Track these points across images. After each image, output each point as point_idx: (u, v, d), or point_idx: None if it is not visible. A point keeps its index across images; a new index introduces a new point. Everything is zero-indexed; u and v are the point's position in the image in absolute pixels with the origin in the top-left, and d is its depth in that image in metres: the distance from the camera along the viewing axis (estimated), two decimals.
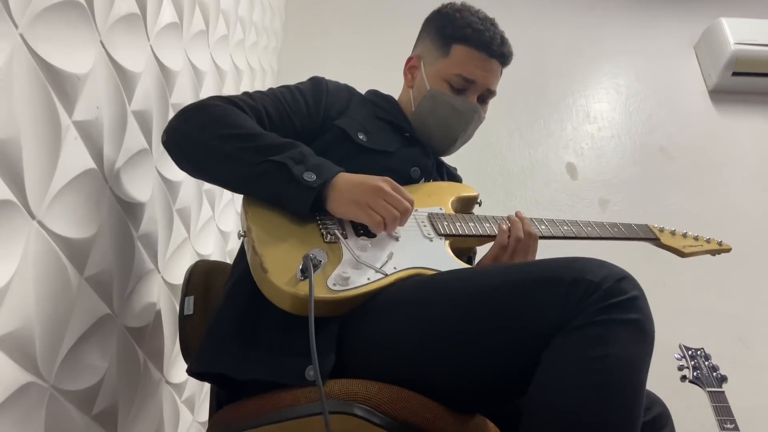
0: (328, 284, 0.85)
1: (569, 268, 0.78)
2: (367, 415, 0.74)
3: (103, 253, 0.98)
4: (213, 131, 0.96)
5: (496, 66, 1.21)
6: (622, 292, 0.74)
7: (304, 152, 0.95)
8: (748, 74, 2.60)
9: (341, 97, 1.18)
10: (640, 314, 0.74)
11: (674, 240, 1.24)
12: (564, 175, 2.47)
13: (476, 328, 0.79)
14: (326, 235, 0.93)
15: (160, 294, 1.25)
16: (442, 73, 1.20)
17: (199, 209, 1.51)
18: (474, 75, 1.18)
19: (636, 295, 0.75)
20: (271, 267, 0.86)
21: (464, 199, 1.19)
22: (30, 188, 0.78)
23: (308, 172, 0.92)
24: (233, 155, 0.94)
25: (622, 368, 0.71)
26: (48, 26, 0.82)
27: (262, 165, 0.92)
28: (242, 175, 0.95)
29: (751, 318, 2.19)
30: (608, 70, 2.76)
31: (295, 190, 0.91)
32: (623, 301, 0.74)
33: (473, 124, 1.23)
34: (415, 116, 1.24)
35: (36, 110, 0.80)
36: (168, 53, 1.26)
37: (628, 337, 0.73)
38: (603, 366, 0.71)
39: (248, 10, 2.00)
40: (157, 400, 1.25)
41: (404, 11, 2.80)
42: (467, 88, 1.19)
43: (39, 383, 0.81)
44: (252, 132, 0.97)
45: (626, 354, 0.72)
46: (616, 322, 0.73)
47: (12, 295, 0.74)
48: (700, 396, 1.49)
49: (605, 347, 0.71)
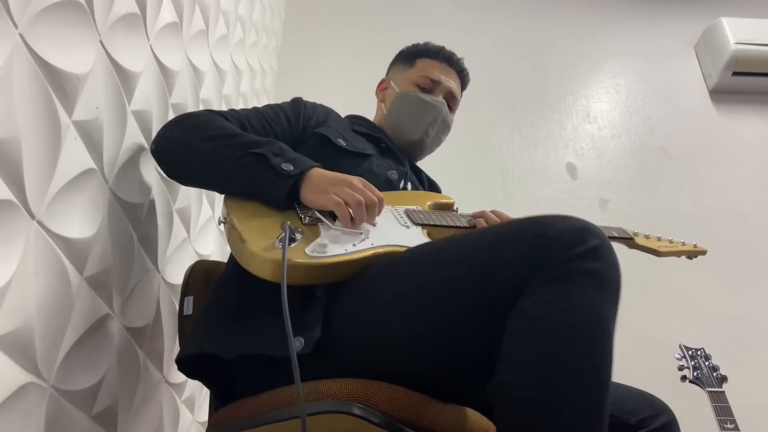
0: (306, 251, 0.87)
1: (530, 225, 0.78)
2: (366, 414, 0.74)
3: (103, 253, 0.98)
4: (197, 133, 1.02)
5: (454, 76, 1.39)
6: (582, 243, 0.74)
7: (282, 147, 1.01)
8: (748, 74, 2.60)
9: (318, 112, 1.26)
10: (600, 263, 0.73)
11: (649, 241, 1.26)
12: (564, 175, 2.47)
13: (441, 294, 0.79)
14: (304, 218, 0.96)
15: (160, 294, 1.25)
16: (410, 78, 1.37)
17: (199, 209, 1.51)
18: (437, 76, 1.35)
19: (596, 244, 0.74)
20: (249, 237, 0.89)
21: (441, 204, 1.22)
22: (30, 188, 0.78)
23: (286, 163, 0.96)
24: (215, 152, 0.99)
25: (585, 318, 0.71)
26: (48, 26, 0.82)
27: (242, 158, 0.97)
28: (223, 169, 0.99)
29: (751, 318, 2.19)
30: (608, 70, 2.76)
31: (273, 178, 0.95)
32: (583, 252, 0.73)
33: (440, 119, 1.33)
34: (388, 119, 1.37)
35: (36, 110, 0.80)
36: (168, 53, 1.26)
37: (588, 288, 0.72)
38: (563, 319, 0.70)
39: (248, 9, 2.00)
40: (157, 400, 1.25)
41: (404, 11, 2.81)
42: (433, 88, 1.35)
43: (39, 383, 0.81)
44: (233, 132, 1.03)
45: (587, 305, 0.71)
46: (577, 274, 0.72)
47: (12, 295, 0.74)
48: (700, 396, 1.49)
49: (565, 300, 0.71)
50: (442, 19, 2.76)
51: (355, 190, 0.95)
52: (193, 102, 1.43)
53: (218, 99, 1.68)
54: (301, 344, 0.81)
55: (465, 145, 2.37)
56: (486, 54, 2.69)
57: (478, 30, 2.76)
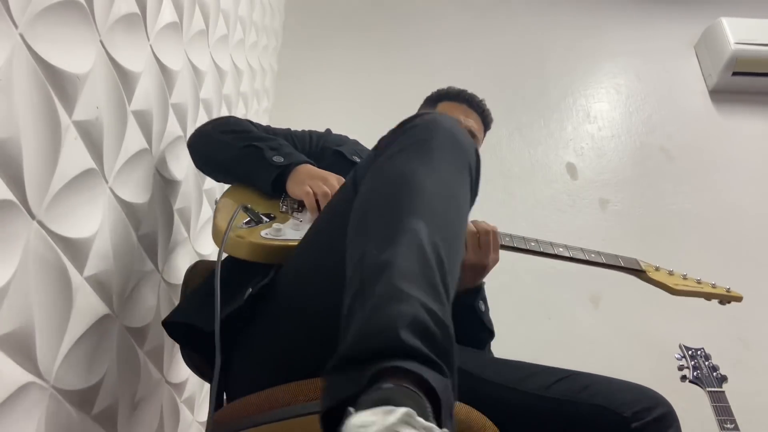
0: (261, 233, 0.99)
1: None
2: None
3: (103, 253, 0.98)
4: (219, 128, 1.20)
5: (475, 116, 1.46)
6: (411, 119, 0.80)
7: (282, 144, 1.14)
8: (748, 74, 2.60)
9: (341, 138, 1.39)
10: (425, 122, 0.78)
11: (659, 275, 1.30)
12: (564, 175, 2.47)
13: (334, 250, 0.83)
14: (282, 206, 1.09)
15: (160, 294, 1.25)
16: None
17: (199, 209, 1.51)
18: (456, 115, 1.41)
19: (428, 114, 0.80)
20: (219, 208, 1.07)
21: None
22: (30, 188, 0.78)
23: (278, 156, 1.10)
24: (226, 142, 1.15)
25: (387, 177, 0.73)
26: (48, 26, 0.82)
27: (244, 149, 1.12)
28: (228, 156, 1.14)
29: (751, 318, 2.18)
30: (608, 70, 2.76)
31: (264, 167, 1.09)
32: (410, 121, 0.80)
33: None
34: None
35: (36, 110, 0.80)
36: (168, 53, 1.26)
37: (397, 152, 0.76)
38: (382, 163, 0.76)
39: (248, 9, 2.00)
40: (157, 400, 1.25)
41: (404, 11, 2.81)
42: None
43: (39, 383, 0.81)
44: (249, 129, 1.18)
45: (393, 166, 0.74)
46: (401, 133, 0.78)
47: (12, 295, 0.74)
48: (700, 396, 1.49)
49: (387, 154, 0.76)
50: (442, 19, 2.76)
51: (327, 184, 1.04)
52: (193, 102, 1.43)
53: (218, 99, 1.68)
54: (248, 292, 0.92)
55: None
56: (486, 54, 2.69)
57: (478, 30, 2.76)
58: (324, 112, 2.44)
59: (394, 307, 0.55)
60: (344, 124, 2.45)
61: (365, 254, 0.63)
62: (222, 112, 1.72)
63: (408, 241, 0.62)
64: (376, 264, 0.61)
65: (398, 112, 2.25)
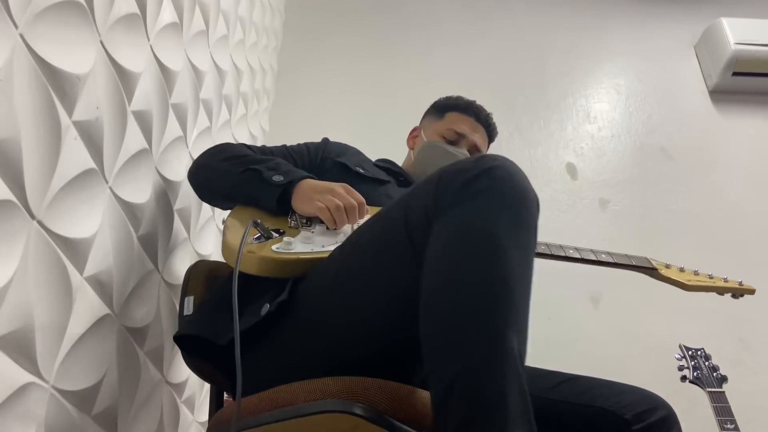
0: (272, 247, 0.98)
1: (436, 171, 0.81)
2: (367, 413, 0.74)
3: (103, 253, 0.98)
4: (217, 157, 1.20)
5: (482, 131, 1.47)
6: (477, 168, 0.76)
7: (279, 163, 1.13)
8: (748, 74, 2.59)
9: (341, 147, 1.38)
10: (493, 180, 0.75)
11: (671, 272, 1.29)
12: (564, 175, 2.47)
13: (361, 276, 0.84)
14: (290, 222, 1.08)
15: (160, 294, 1.25)
16: (437, 130, 1.45)
17: (199, 209, 1.51)
18: (463, 130, 1.43)
19: (492, 165, 0.76)
20: (229, 225, 1.06)
21: None
22: (30, 188, 0.78)
23: (277, 175, 1.09)
24: (225, 169, 1.15)
25: (473, 230, 0.72)
26: (48, 26, 0.82)
27: (243, 174, 1.11)
28: (229, 183, 1.14)
29: (751, 318, 2.18)
30: (608, 70, 2.76)
31: (265, 188, 1.08)
32: (477, 175, 0.75)
33: None
34: (413, 166, 1.46)
35: (36, 110, 0.80)
36: (168, 53, 1.26)
37: (481, 205, 0.73)
38: (455, 233, 0.72)
39: (248, 9, 2.00)
40: (157, 400, 1.25)
41: (404, 11, 2.81)
42: (458, 141, 1.43)
43: (39, 383, 0.81)
44: (244, 153, 1.18)
45: (477, 218, 0.72)
46: (471, 196, 0.74)
47: (12, 295, 0.74)
48: (700, 396, 1.49)
49: (460, 218, 0.73)
50: (442, 19, 2.76)
51: (336, 195, 1.04)
52: (193, 102, 1.43)
53: (218, 99, 1.68)
54: (266, 308, 0.90)
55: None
56: (486, 54, 2.69)
57: (478, 30, 2.76)
58: (324, 112, 2.44)
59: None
60: (344, 124, 2.46)
61: (469, 373, 0.65)
62: (222, 112, 1.73)
63: (511, 371, 0.65)
64: (488, 398, 0.63)
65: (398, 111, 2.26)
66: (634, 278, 1.51)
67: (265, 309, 0.90)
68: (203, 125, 1.54)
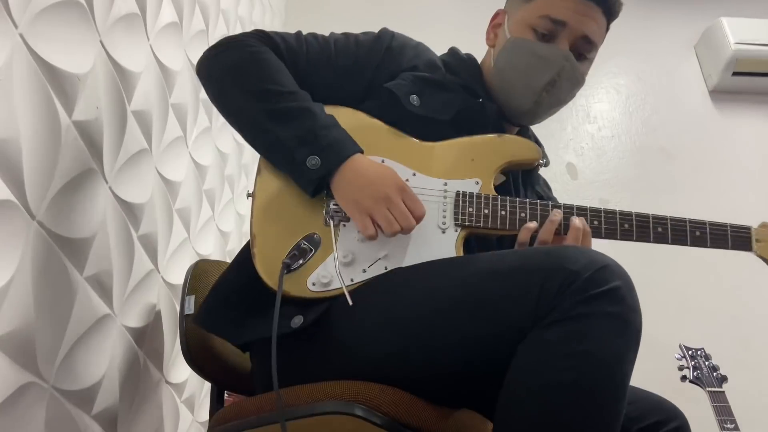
0: (308, 284, 0.85)
1: (549, 256, 0.74)
2: (368, 415, 0.74)
3: (103, 253, 0.98)
4: (235, 78, 0.92)
5: (593, 10, 1.01)
6: (603, 283, 0.69)
7: (316, 128, 0.87)
8: (748, 74, 2.59)
9: (404, 55, 1.02)
10: (621, 306, 0.70)
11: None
12: (564, 175, 2.47)
13: (450, 318, 0.77)
14: (327, 219, 0.88)
15: (160, 294, 1.25)
16: (526, 19, 1.01)
17: (199, 209, 1.51)
18: (563, 15, 0.98)
19: (618, 285, 0.70)
20: (258, 251, 0.87)
21: (519, 163, 1.01)
22: (30, 188, 0.78)
23: (312, 156, 0.85)
24: (248, 114, 0.91)
25: (597, 367, 0.68)
26: (48, 26, 0.82)
27: (270, 135, 0.88)
28: (254, 140, 0.92)
29: (751, 318, 2.19)
30: (608, 69, 2.76)
31: (299, 174, 0.88)
32: (603, 293, 0.69)
33: (564, 76, 1.01)
34: (493, 76, 1.05)
35: (36, 110, 0.80)
36: (168, 53, 1.26)
37: (607, 332, 0.68)
38: (578, 363, 0.67)
39: (248, 9, 2.00)
40: (157, 400, 1.25)
41: (404, 11, 2.80)
42: (556, 33, 0.99)
43: (39, 383, 0.81)
44: (270, 89, 0.90)
45: (605, 350, 0.68)
46: (595, 316, 0.68)
47: (12, 295, 0.74)
48: (700, 396, 1.49)
49: (582, 343, 0.67)
50: (442, 19, 2.76)
51: (394, 212, 0.84)
52: (193, 102, 1.43)
53: None
54: (300, 320, 0.81)
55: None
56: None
57: (478, 30, 2.75)
58: None
59: None
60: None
61: None
62: None
63: None
64: None
65: None
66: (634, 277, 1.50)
67: (297, 321, 0.82)
68: (203, 125, 1.53)
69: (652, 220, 1.01)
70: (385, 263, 0.87)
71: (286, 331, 0.81)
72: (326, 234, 0.88)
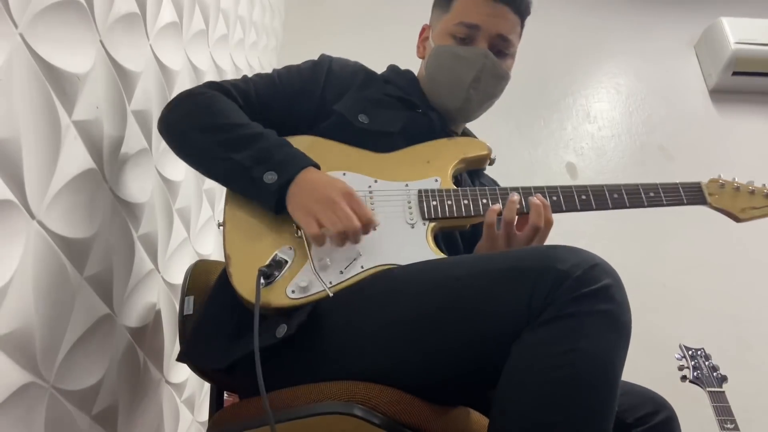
0: (287, 291, 0.86)
1: (539, 256, 0.75)
2: (366, 415, 0.74)
3: (103, 253, 0.98)
4: (192, 121, 0.98)
5: (503, 10, 1.09)
6: (594, 281, 0.71)
7: (270, 147, 0.93)
8: (748, 74, 2.60)
9: (344, 76, 1.13)
10: (612, 304, 0.71)
11: (733, 200, 1.13)
12: (564, 174, 2.47)
13: (443, 321, 0.77)
14: (297, 231, 0.92)
15: (160, 294, 1.25)
16: (445, 28, 1.12)
17: (199, 209, 1.51)
18: (475, 19, 1.08)
19: (608, 284, 0.72)
20: (234, 270, 0.89)
21: (471, 160, 1.08)
22: (30, 188, 0.78)
23: (269, 173, 0.90)
24: (207, 148, 0.95)
25: (591, 363, 0.69)
26: (48, 26, 0.82)
27: (226, 162, 0.92)
28: (213, 171, 0.97)
29: (751, 318, 2.19)
30: (608, 69, 2.76)
31: (258, 191, 0.91)
32: (594, 291, 0.71)
33: (486, 72, 1.09)
34: (426, 82, 1.16)
35: (36, 110, 0.80)
36: (168, 53, 1.26)
37: (600, 329, 0.70)
38: (570, 361, 0.68)
39: (248, 9, 2.00)
40: (157, 400, 1.25)
41: (404, 11, 2.80)
42: (473, 36, 1.09)
43: (39, 383, 0.81)
44: (227, 122, 0.96)
45: (598, 346, 0.70)
46: (587, 313, 0.70)
47: (12, 295, 0.74)
48: (700, 396, 1.49)
49: (574, 341, 0.69)
50: None
51: (338, 214, 0.87)
52: None
53: None
54: (284, 330, 0.81)
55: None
56: None
57: None
58: None
59: None
60: None
61: None
62: None
63: None
64: None
65: None
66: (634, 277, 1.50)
67: (282, 330, 0.82)
68: None
69: (607, 188, 1.07)
70: (361, 263, 0.89)
71: (272, 342, 0.81)
72: (299, 244, 0.90)
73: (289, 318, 0.83)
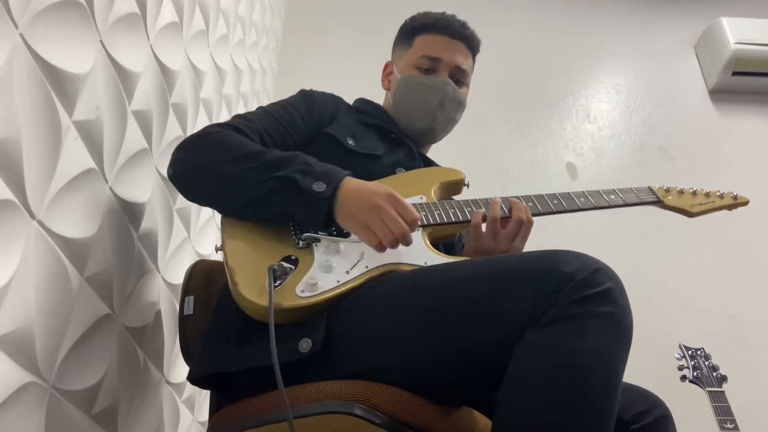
0: (296, 291, 0.87)
1: (543, 259, 0.78)
2: (367, 414, 0.74)
3: (103, 253, 0.98)
4: (217, 156, 0.97)
5: (460, 46, 1.27)
6: (596, 284, 0.73)
7: (309, 161, 0.95)
8: (748, 74, 2.60)
9: (329, 107, 1.22)
10: (614, 306, 0.74)
11: (681, 200, 1.27)
12: (564, 175, 2.47)
13: (448, 321, 0.79)
14: (297, 242, 0.95)
15: (160, 294, 1.25)
16: (410, 61, 1.27)
17: (199, 209, 1.51)
18: (437, 52, 1.24)
19: (610, 287, 0.74)
20: (240, 279, 0.89)
21: (449, 184, 1.17)
22: (30, 188, 0.78)
23: (317, 183, 0.91)
24: (240, 177, 0.95)
25: (594, 363, 0.71)
26: (48, 26, 0.82)
27: (269, 182, 0.92)
28: (251, 196, 0.95)
29: (751, 318, 2.19)
30: (608, 69, 2.76)
31: (307, 202, 0.91)
32: (597, 294, 0.73)
33: (449, 98, 1.24)
34: (394, 110, 1.29)
35: (36, 110, 0.80)
36: (168, 53, 1.26)
37: (602, 330, 0.72)
38: (573, 361, 0.70)
39: (248, 9, 2.00)
40: (157, 400, 1.25)
41: (404, 11, 2.80)
42: (436, 67, 1.25)
43: (39, 383, 0.81)
44: (254, 151, 0.97)
45: (600, 347, 0.71)
46: (590, 315, 0.72)
47: (12, 295, 0.74)
48: (700, 396, 1.49)
49: (577, 342, 0.71)
50: None
51: (387, 222, 0.89)
52: (193, 102, 1.43)
53: (218, 99, 1.68)
54: (308, 345, 0.82)
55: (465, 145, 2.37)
56: (485, 53, 2.69)
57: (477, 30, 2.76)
58: None
59: None
60: None
61: None
62: (222, 113, 1.72)
63: None
64: None
65: None
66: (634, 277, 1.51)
67: (306, 345, 0.82)
68: (203, 125, 1.53)
69: (573, 193, 1.17)
70: (366, 263, 0.93)
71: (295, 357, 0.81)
72: (302, 254, 0.94)
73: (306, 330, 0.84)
